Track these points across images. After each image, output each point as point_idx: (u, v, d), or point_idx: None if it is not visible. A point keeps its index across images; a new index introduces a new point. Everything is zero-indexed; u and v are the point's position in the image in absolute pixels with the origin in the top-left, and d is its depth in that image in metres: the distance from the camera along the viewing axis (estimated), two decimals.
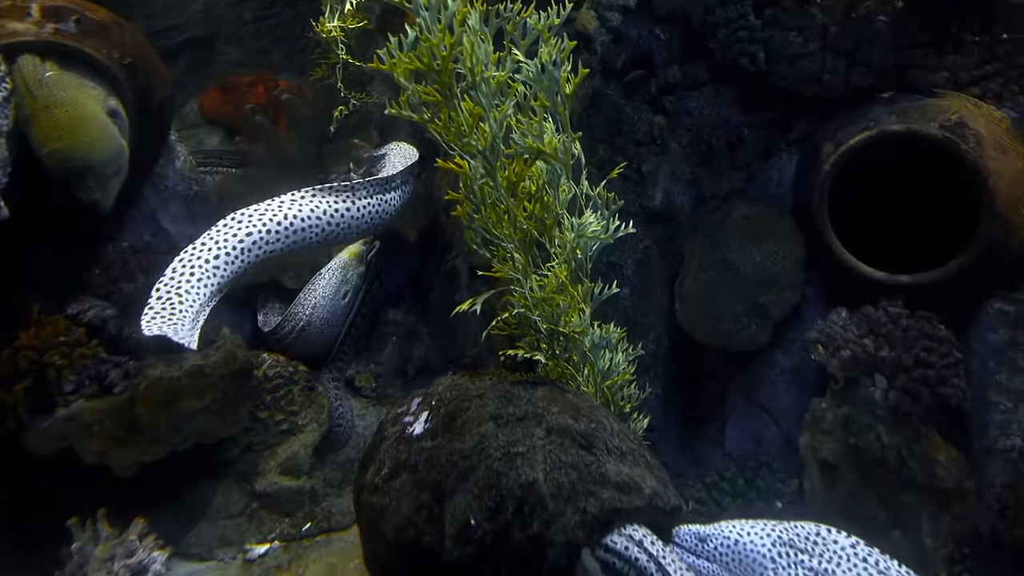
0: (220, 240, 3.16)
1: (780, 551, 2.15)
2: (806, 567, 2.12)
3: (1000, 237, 3.12)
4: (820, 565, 2.11)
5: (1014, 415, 3.23)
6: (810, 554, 2.16)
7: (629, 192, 3.52)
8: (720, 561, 2.19)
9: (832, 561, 2.13)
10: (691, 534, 2.25)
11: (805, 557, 2.14)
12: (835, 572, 2.10)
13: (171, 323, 2.84)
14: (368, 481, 2.38)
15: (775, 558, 2.13)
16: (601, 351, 2.79)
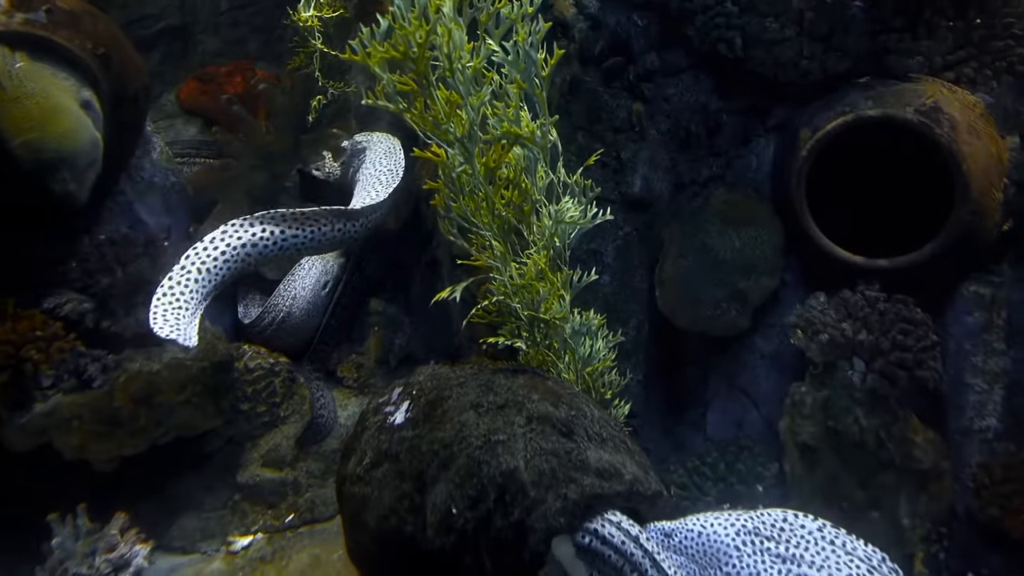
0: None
1: (744, 539, 2.17)
2: (772, 554, 2.14)
3: (974, 220, 3.15)
4: (787, 551, 2.13)
5: (989, 396, 3.28)
6: (776, 540, 2.18)
7: (608, 179, 3.52)
8: (687, 553, 2.21)
9: (800, 546, 2.15)
10: (656, 530, 2.26)
11: (771, 544, 2.16)
12: (803, 556, 2.13)
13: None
14: (350, 471, 2.37)
15: (739, 547, 2.15)
16: (581, 338, 2.80)
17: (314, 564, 3.11)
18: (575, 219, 2.52)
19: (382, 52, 2.22)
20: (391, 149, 4.11)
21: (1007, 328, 3.30)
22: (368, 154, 4.23)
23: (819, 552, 2.11)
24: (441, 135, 2.36)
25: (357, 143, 4.31)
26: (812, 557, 2.10)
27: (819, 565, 2.09)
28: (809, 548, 2.12)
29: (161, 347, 3.32)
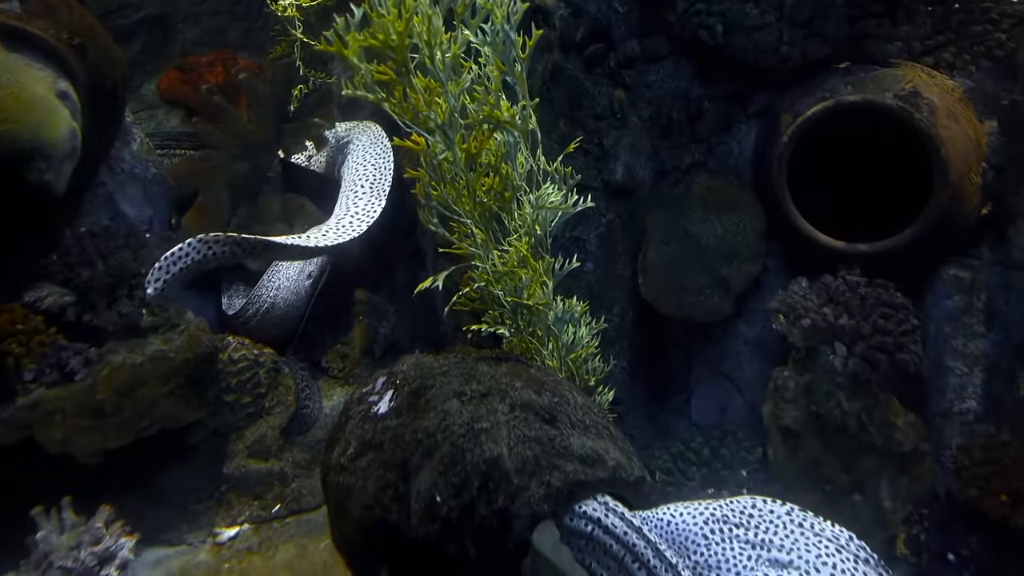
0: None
1: (713, 527, 2.18)
2: (742, 540, 2.15)
3: (953, 204, 3.18)
4: (757, 536, 2.14)
5: (969, 379, 3.32)
6: (745, 527, 2.18)
7: (591, 167, 3.52)
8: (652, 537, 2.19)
9: (768, 531, 2.17)
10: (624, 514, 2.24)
11: (740, 531, 2.17)
12: (772, 540, 2.14)
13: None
14: (334, 461, 2.37)
15: (707, 535, 2.16)
16: (565, 325, 2.80)
17: (301, 554, 3.12)
18: (556, 204, 2.52)
19: (360, 41, 2.21)
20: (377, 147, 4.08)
21: (986, 311, 3.33)
22: (353, 149, 4.21)
23: (788, 535, 2.13)
24: (421, 123, 2.35)
25: (341, 136, 4.29)
26: (781, 541, 2.12)
27: (788, 548, 2.11)
28: (778, 532, 2.14)
29: (144, 339, 3.31)
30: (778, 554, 2.08)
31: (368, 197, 3.82)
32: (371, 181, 3.92)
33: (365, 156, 4.10)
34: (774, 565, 2.07)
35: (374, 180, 3.91)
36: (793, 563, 2.06)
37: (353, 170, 4.09)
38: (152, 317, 3.39)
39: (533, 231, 2.57)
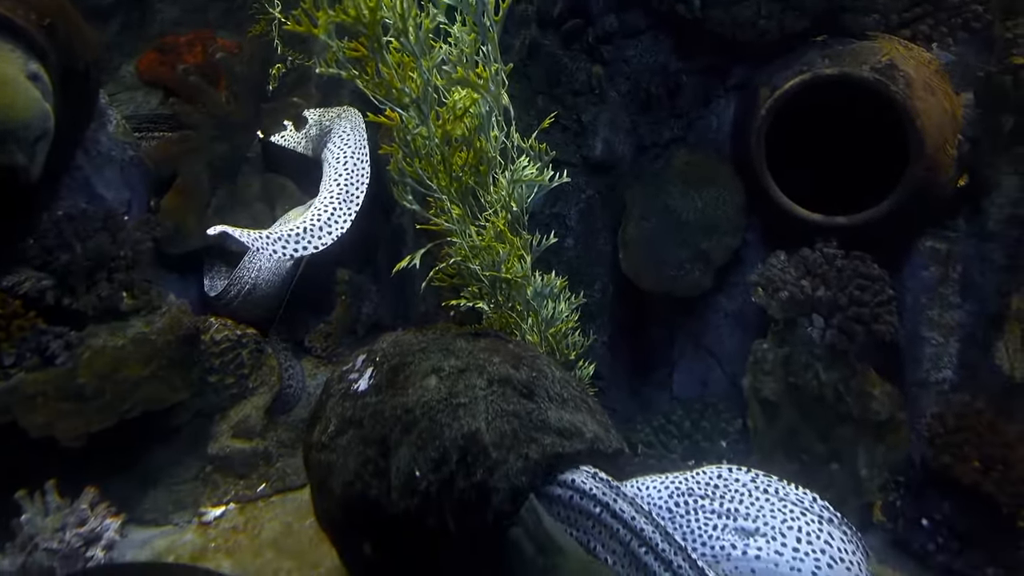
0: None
1: (678, 500, 2.23)
2: (707, 511, 2.21)
3: (929, 176, 3.20)
4: (722, 506, 2.19)
5: (945, 349, 3.37)
6: (711, 498, 2.24)
7: (570, 142, 3.52)
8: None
9: (734, 500, 2.22)
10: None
11: (706, 502, 2.23)
12: (737, 509, 2.20)
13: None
14: (315, 439, 2.39)
15: (671, 508, 2.21)
16: (544, 300, 2.82)
17: (286, 532, 3.14)
18: (531, 177, 2.53)
19: (332, 16, 2.20)
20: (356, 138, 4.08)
21: (962, 282, 3.37)
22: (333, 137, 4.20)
23: (753, 503, 2.18)
24: (395, 99, 2.35)
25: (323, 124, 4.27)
26: (747, 509, 2.18)
27: (753, 516, 2.17)
28: (743, 501, 2.19)
29: (125, 322, 3.31)
30: (744, 522, 2.14)
31: (342, 197, 3.83)
32: (347, 177, 3.92)
33: (343, 148, 4.10)
34: (740, 533, 2.13)
35: (350, 174, 3.92)
36: (759, 530, 2.13)
37: (332, 165, 4.09)
38: (133, 300, 3.38)
39: (509, 207, 2.58)
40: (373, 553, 2.16)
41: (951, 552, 2.82)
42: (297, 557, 2.98)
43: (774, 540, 2.12)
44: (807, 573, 2.07)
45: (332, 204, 3.82)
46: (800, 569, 2.08)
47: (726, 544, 2.13)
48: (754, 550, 2.12)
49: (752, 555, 2.11)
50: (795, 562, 2.09)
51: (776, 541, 2.13)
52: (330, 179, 3.97)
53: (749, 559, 2.11)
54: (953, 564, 2.81)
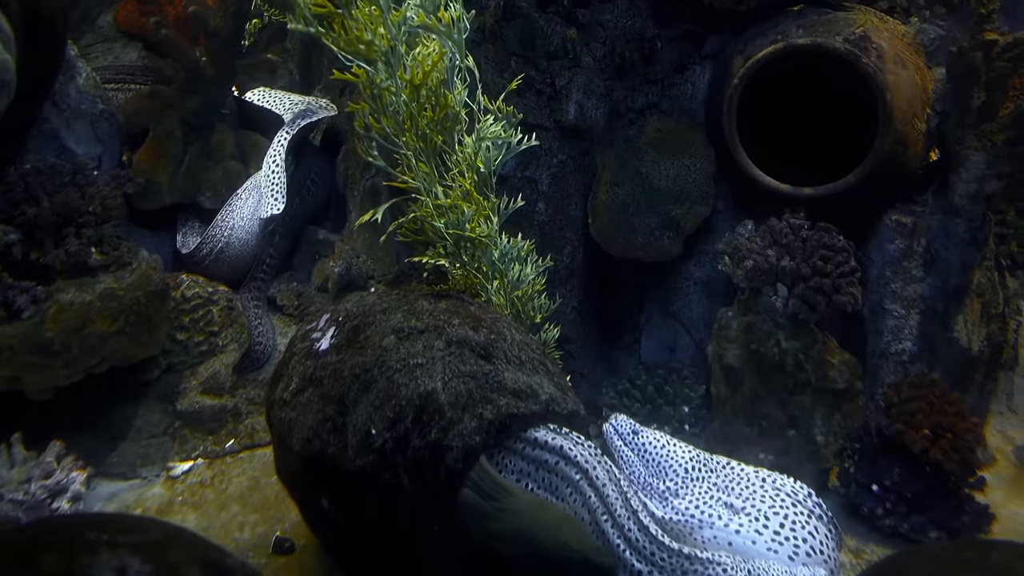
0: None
1: (695, 465, 2.43)
2: (711, 482, 2.39)
3: (897, 150, 3.22)
4: (722, 481, 2.38)
5: (906, 321, 3.42)
6: (717, 473, 2.43)
7: (543, 106, 3.51)
8: (641, 456, 2.45)
9: (733, 480, 2.40)
10: (628, 424, 2.52)
11: (712, 476, 2.42)
12: (732, 488, 2.36)
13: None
14: (277, 396, 2.42)
15: (688, 470, 2.41)
16: (511, 262, 2.84)
17: (253, 487, 3.18)
18: (496, 134, 2.53)
19: None
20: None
21: (926, 256, 3.41)
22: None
23: (748, 487, 2.37)
24: (363, 53, 2.34)
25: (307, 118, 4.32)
26: (740, 490, 2.35)
27: (745, 497, 2.32)
28: (741, 483, 2.38)
29: (94, 278, 3.30)
30: (734, 500, 2.31)
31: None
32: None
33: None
34: (727, 508, 2.29)
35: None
36: (744, 509, 2.28)
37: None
38: (102, 256, 3.37)
39: (476, 167, 2.58)
40: (330, 508, 2.20)
41: (898, 516, 2.90)
42: (263, 511, 3.03)
43: (756, 521, 2.25)
44: (783, 556, 2.18)
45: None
46: (776, 551, 2.19)
47: (714, 513, 2.28)
48: (735, 525, 2.25)
49: (733, 529, 2.24)
50: (774, 544, 2.21)
51: (758, 522, 2.25)
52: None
53: (729, 532, 2.24)
54: (900, 527, 2.90)
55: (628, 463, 2.45)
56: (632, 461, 2.45)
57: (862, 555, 2.86)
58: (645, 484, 2.40)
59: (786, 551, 2.19)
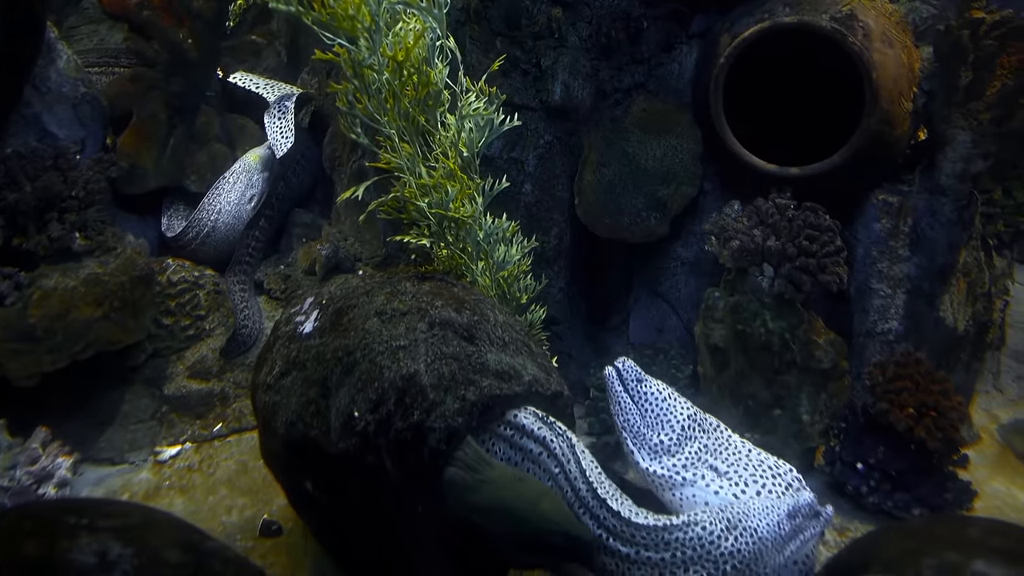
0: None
1: (691, 423, 2.49)
2: (702, 443, 2.46)
3: (883, 129, 3.21)
4: (710, 442, 2.46)
5: (892, 300, 3.43)
6: (708, 435, 2.51)
7: (529, 87, 3.48)
8: (640, 405, 2.50)
9: (721, 444, 2.49)
10: (634, 370, 2.56)
11: (703, 436, 2.49)
12: (719, 452, 2.45)
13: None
14: (262, 380, 2.42)
15: (684, 427, 2.47)
16: (496, 243, 2.84)
17: (241, 470, 3.18)
18: (478, 112, 2.52)
19: None
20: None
21: (912, 235, 3.42)
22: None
23: (733, 454, 2.45)
24: (347, 30, 2.33)
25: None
26: (726, 456, 2.44)
27: (730, 463, 2.41)
28: (728, 449, 2.47)
29: (79, 263, 3.28)
30: (718, 463, 2.40)
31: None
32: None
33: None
34: (712, 470, 2.38)
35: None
36: (727, 473, 2.37)
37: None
38: (86, 241, 3.35)
39: (459, 150, 2.57)
40: (315, 491, 2.20)
41: (883, 493, 2.92)
42: (251, 494, 3.03)
43: (735, 485, 2.34)
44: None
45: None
46: None
47: (698, 474, 2.37)
48: (716, 487, 2.34)
49: (712, 490, 2.33)
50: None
51: (736, 487, 2.34)
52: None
53: (708, 492, 2.34)
54: (884, 504, 2.92)
55: (624, 410, 2.49)
56: (629, 409, 2.48)
57: (846, 532, 2.88)
58: (639, 434, 2.44)
59: None
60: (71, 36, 4.68)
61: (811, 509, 2.21)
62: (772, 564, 2.12)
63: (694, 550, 2.07)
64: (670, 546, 2.08)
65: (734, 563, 2.07)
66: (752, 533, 2.10)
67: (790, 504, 2.19)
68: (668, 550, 2.08)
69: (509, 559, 2.13)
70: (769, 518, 2.15)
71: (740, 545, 2.08)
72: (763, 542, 2.11)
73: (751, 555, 2.09)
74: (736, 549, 2.07)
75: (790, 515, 2.18)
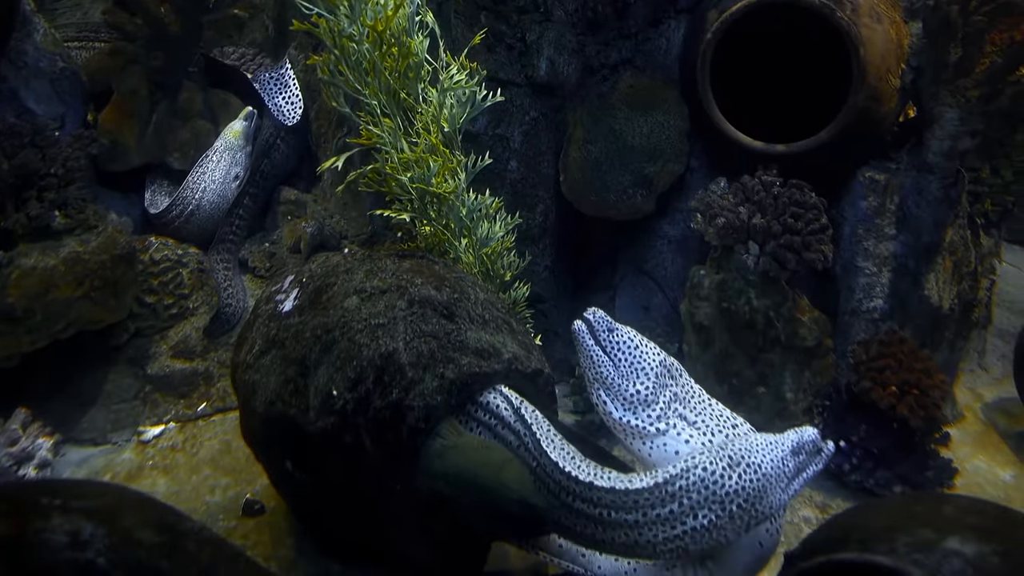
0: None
1: (662, 371, 2.41)
2: (673, 392, 2.39)
3: (870, 106, 3.19)
4: (679, 390, 2.41)
5: (878, 279, 3.42)
6: (677, 382, 2.44)
7: (514, 62, 3.44)
8: (612, 354, 2.41)
9: (689, 393, 2.43)
10: (605, 320, 2.47)
11: (674, 385, 2.42)
12: (688, 401, 2.40)
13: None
14: (242, 359, 2.40)
15: (658, 375, 2.39)
16: (479, 220, 2.81)
17: (225, 450, 3.17)
18: (460, 85, 2.49)
19: None
20: None
21: (898, 213, 3.40)
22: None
23: (699, 404, 2.41)
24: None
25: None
26: (694, 405, 2.40)
27: (697, 412, 2.37)
28: (694, 399, 2.42)
29: (59, 241, 3.24)
30: (688, 413, 2.36)
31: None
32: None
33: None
34: (682, 419, 2.34)
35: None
36: (696, 423, 2.33)
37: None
38: (66, 219, 3.30)
39: (441, 126, 2.54)
40: (294, 470, 2.19)
41: (865, 471, 2.93)
42: (234, 473, 3.02)
43: (704, 435, 2.30)
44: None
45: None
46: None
47: (671, 423, 2.32)
48: (686, 435, 2.30)
49: (684, 439, 2.29)
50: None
51: (705, 436, 2.30)
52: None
53: (679, 441, 2.29)
54: (866, 482, 2.93)
55: (597, 363, 2.39)
56: (603, 362, 2.40)
57: (828, 510, 2.90)
58: (612, 385, 2.37)
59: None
60: (54, 10, 4.60)
61: (815, 446, 2.17)
62: (775, 503, 2.07)
63: (699, 493, 2.02)
64: (675, 497, 2.03)
65: (739, 502, 2.01)
66: (756, 469, 2.05)
67: (794, 440, 2.14)
68: (674, 501, 2.03)
69: (475, 529, 2.12)
70: (773, 454, 2.10)
71: (744, 482, 2.03)
72: (767, 479, 2.05)
73: (756, 492, 2.03)
74: (741, 487, 2.02)
75: (794, 451, 2.13)
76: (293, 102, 4.25)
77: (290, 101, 4.25)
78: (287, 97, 4.24)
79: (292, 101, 4.25)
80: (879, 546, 1.60)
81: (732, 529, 2.04)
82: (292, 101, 4.25)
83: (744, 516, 2.04)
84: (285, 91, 4.26)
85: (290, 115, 4.21)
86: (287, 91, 4.26)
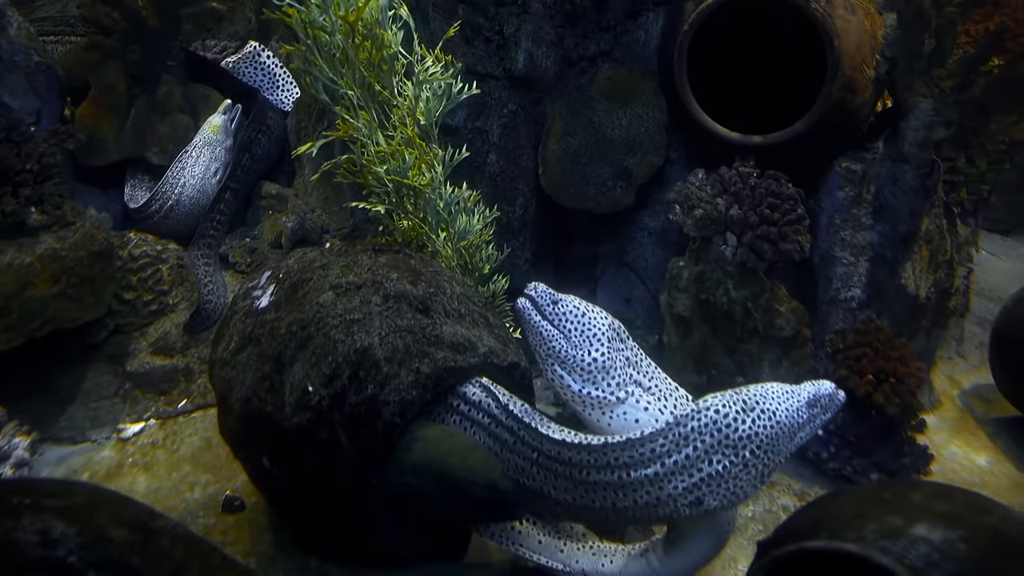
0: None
1: (612, 335, 2.37)
2: (625, 356, 2.36)
3: (846, 97, 3.20)
4: (631, 354, 2.38)
5: (855, 268, 3.45)
6: (627, 346, 2.41)
7: (492, 55, 3.43)
8: (562, 327, 2.34)
9: (639, 359, 2.42)
10: (547, 293, 2.40)
11: (626, 349, 2.39)
12: (640, 365, 2.39)
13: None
14: (219, 355, 2.40)
15: (611, 339, 2.35)
16: (457, 213, 2.81)
17: (205, 447, 3.17)
18: (436, 77, 2.49)
19: None
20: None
21: (875, 203, 3.43)
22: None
23: (649, 369, 2.41)
24: None
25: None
26: (646, 370, 2.39)
27: (650, 377, 2.38)
28: (643, 363, 2.41)
29: (35, 238, 3.22)
30: (641, 378, 2.35)
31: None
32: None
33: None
34: (638, 384, 2.33)
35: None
36: (651, 389, 2.34)
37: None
38: (43, 215, 3.28)
39: (417, 120, 2.54)
40: (271, 466, 2.20)
41: (842, 459, 2.96)
42: (214, 470, 3.02)
43: (659, 400, 2.31)
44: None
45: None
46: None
47: (629, 390, 2.29)
48: (644, 402, 2.28)
49: (642, 406, 2.28)
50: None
51: (662, 402, 2.31)
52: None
53: (639, 409, 2.27)
54: (843, 470, 2.96)
55: (547, 339, 2.32)
56: (553, 336, 2.32)
57: (806, 498, 2.93)
58: (567, 358, 2.29)
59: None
60: (33, 3, 4.56)
61: (831, 400, 2.16)
62: (784, 452, 2.06)
63: (712, 436, 1.98)
64: (688, 439, 1.99)
65: (752, 447, 1.99)
66: (771, 416, 2.03)
67: (811, 392, 2.13)
68: (688, 444, 1.99)
69: (446, 518, 2.14)
70: (788, 403, 2.08)
71: (758, 428, 2.00)
72: (781, 427, 2.03)
73: (770, 440, 2.01)
74: (755, 432, 1.99)
75: (810, 403, 2.12)
76: (288, 88, 4.33)
77: (285, 88, 4.34)
78: (283, 85, 4.36)
79: (287, 89, 4.34)
80: (848, 533, 1.62)
81: (748, 480, 2.00)
82: (287, 89, 4.34)
83: (758, 464, 2.01)
84: (274, 78, 4.33)
85: (287, 102, 4.32)
86: (276, 78, 4.35)
